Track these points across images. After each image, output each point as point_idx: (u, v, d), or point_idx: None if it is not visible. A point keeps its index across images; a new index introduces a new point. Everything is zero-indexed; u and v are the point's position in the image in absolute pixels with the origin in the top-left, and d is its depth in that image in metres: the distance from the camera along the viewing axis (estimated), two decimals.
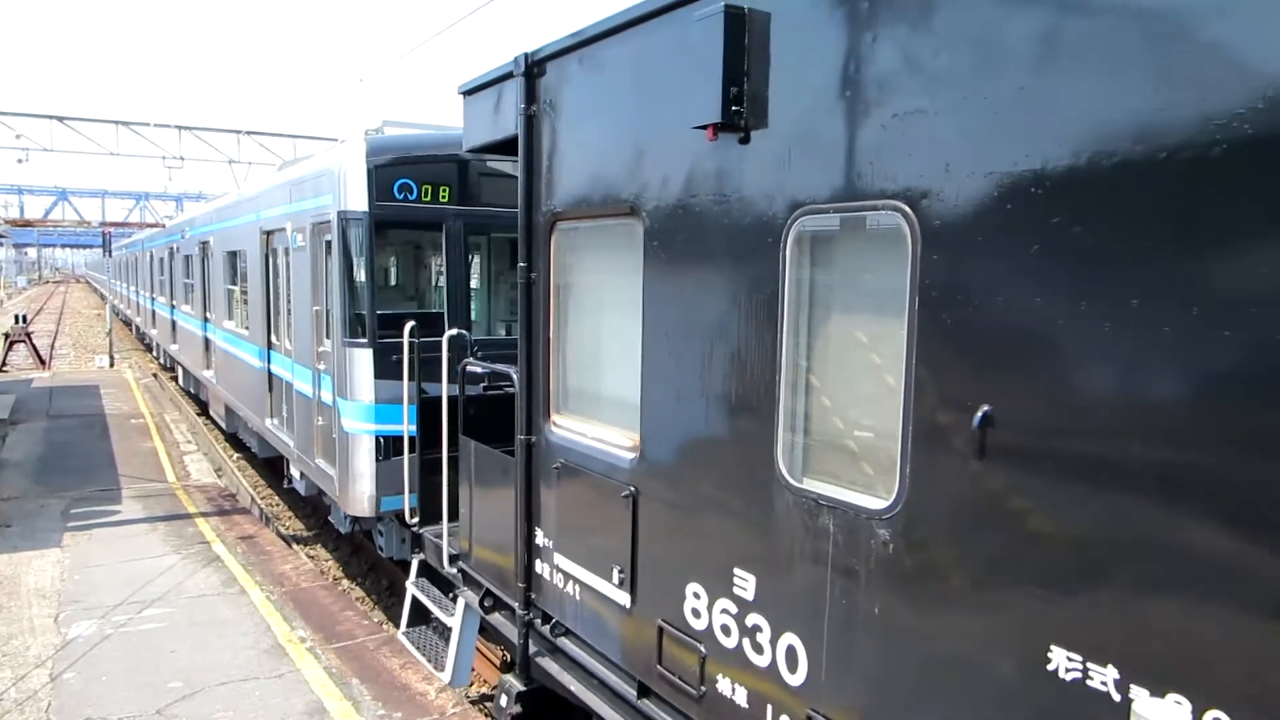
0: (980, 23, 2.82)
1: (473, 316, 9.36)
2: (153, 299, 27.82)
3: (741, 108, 3.62)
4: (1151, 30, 2.41)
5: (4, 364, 30.50)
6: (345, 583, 11.46)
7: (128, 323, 44.57)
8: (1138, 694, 2.46)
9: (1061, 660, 2.64)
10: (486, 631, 7.49)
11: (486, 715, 7.36)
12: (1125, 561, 2.50)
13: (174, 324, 22.10)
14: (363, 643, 7.70)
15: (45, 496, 12.45)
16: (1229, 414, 2.28)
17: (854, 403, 3.48)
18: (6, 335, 33.98)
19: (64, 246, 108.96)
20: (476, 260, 9.69)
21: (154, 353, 31.96)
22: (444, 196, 8.66)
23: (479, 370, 6.92)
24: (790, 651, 3.61)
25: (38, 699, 6.78)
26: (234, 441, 17.47)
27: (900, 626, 3.14)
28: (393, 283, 9.99)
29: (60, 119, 43.64)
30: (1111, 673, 2.53)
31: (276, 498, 15.26)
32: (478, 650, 8.48)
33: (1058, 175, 2.60)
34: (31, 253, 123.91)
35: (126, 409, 19.80)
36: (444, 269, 8.88)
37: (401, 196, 8.52)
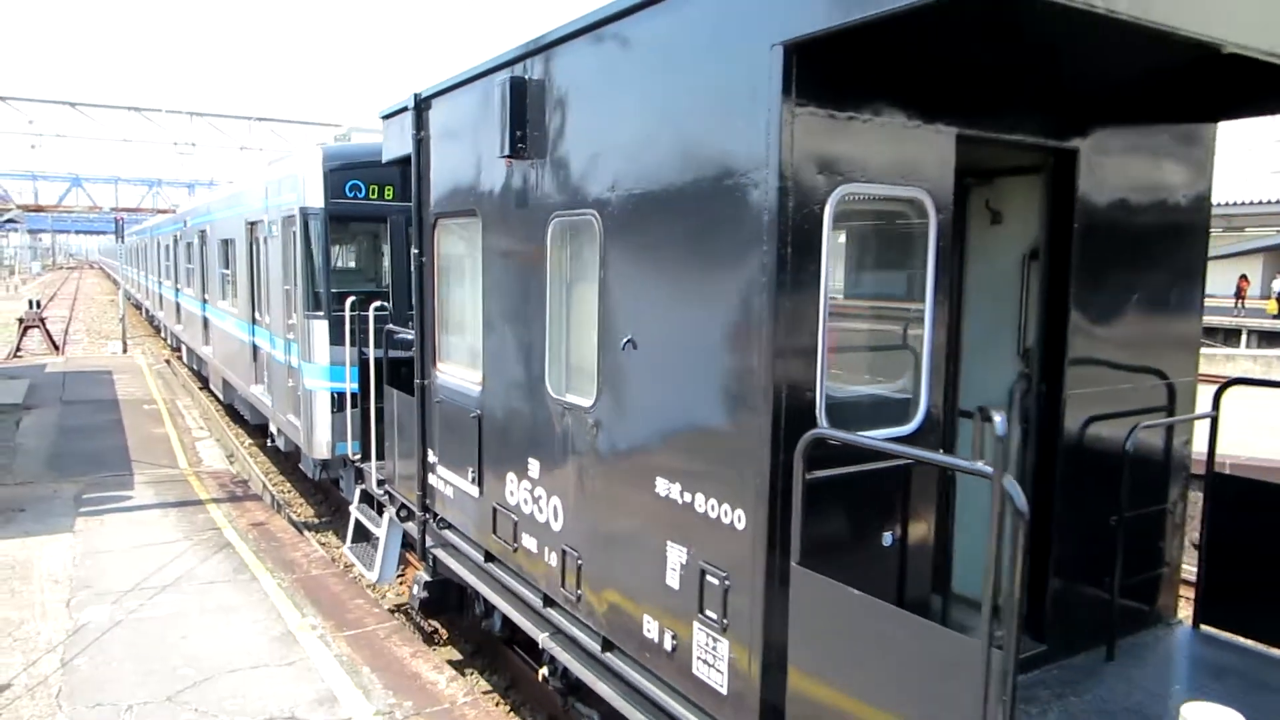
0: (619, 111, 4.85)
1: None
2: (160, 282, 30.35)
3: (524, 145, 5.64)
4: (674, 128, 4.42)
5: (18, 349, 32.21)
6: (355, 570, 11.51)
7: (139, 306, 46.91)
8: (685, 496, 4.46)
9: (662, 484, 4.66)
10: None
11: (497, 704, 7.87)
12: (677, 422, 4.51)
13: (178, 306, 24.57)
14: (373, 631, 7.95)
15: (58, 481, 12.78)
16: (715, 336, 4.27)
17: (581, 340, 5.49)
18: (21, 320, 35.36)
19: (77, 233, 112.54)
20: None
21: (162, 334, 34.33)
22: (388, 194, 10.87)
23: (409, 336, 9.01)
24: (555, 508, 5.67)
25: (48, 684, 6.94)
26: (233, 415, 19.37)
27: (599, 479, 5.19)
28: (354, 266, 12.13)
29: (73, 104, 46.24)
30: (678, 490, 4.54)
31: (288, 485, 15.72)
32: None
33: (653, 197, 4.61)
34: (45, 239, 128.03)
35: (139, 394, 20.55)
36: (389, 255, 11.05)
37: (352, 195, 10.77)
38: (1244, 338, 37.82)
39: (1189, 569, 6.28)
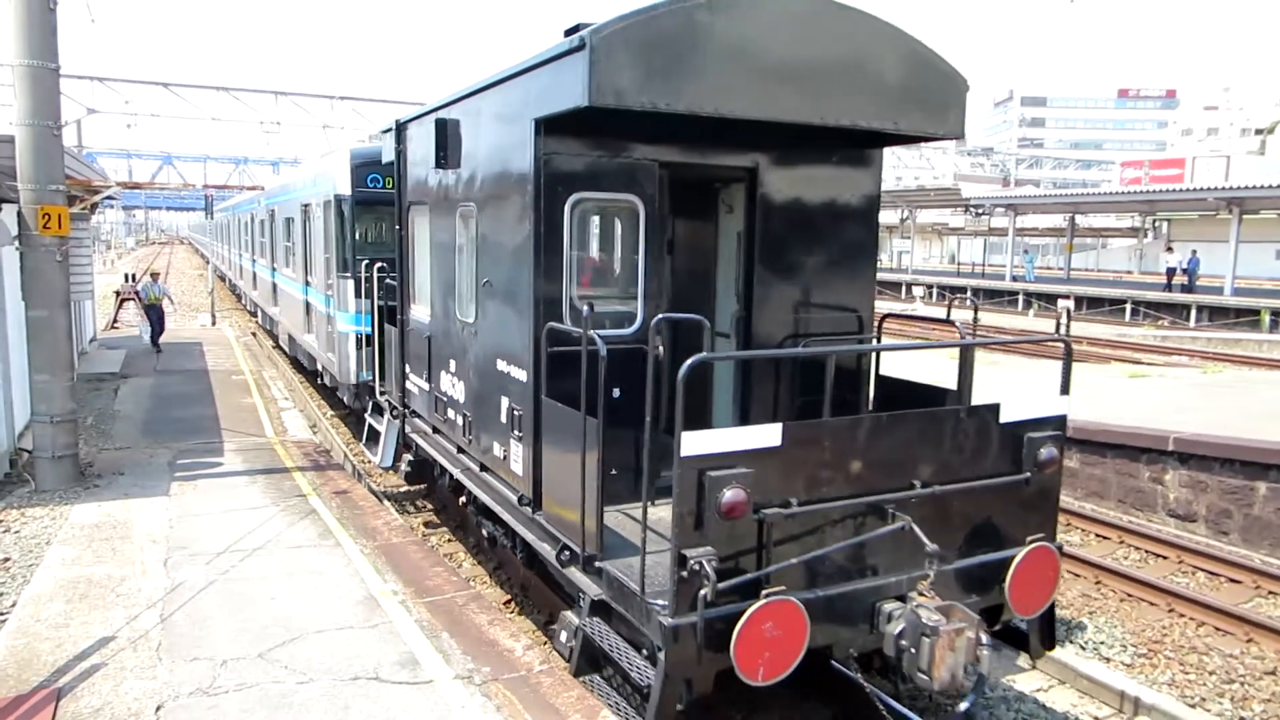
0: (486, 145, 8.74)
1: None
2: (240, 254, 35.57)
3: (445, 160, 9.54)
4: (500, 156, 8.30)
5: (115, 321, 35.64)
6: (434, 538, 12.47)
7: (223, 278, 52.07)
8: (507, 368, 8.33)
9: (500, 364, 8.54)
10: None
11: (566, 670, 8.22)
12: (505, 326, 8.38)
13: (255, 274, 29.55)
14: (452, 598, 8.61)
15: (153, 447, 14.09)
16: (515, 276, 8.10)
17: (471, 283, 9.36)
18: (117, 293, 37.99)
19: (168, 209, 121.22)
20: None
21: (243, 302, 39.31)
22: None
23: None
24: (461, 389, 9.64)
25: (149, 638, 7.56)
26: (298, 367, 23.43)
27: (476, 366, 9.13)
28: (375, 240, 16.29)
29: (165, 85, 51.75)
30: (505, 365, 8.42)
31: (368, 455, 15.78)
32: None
33: (494, 195, 8.49)
34: (138, 215, 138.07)
35: (227, 365, 22.73)
36: None
37: (372, 185, 15.03)
38: None
39: None
